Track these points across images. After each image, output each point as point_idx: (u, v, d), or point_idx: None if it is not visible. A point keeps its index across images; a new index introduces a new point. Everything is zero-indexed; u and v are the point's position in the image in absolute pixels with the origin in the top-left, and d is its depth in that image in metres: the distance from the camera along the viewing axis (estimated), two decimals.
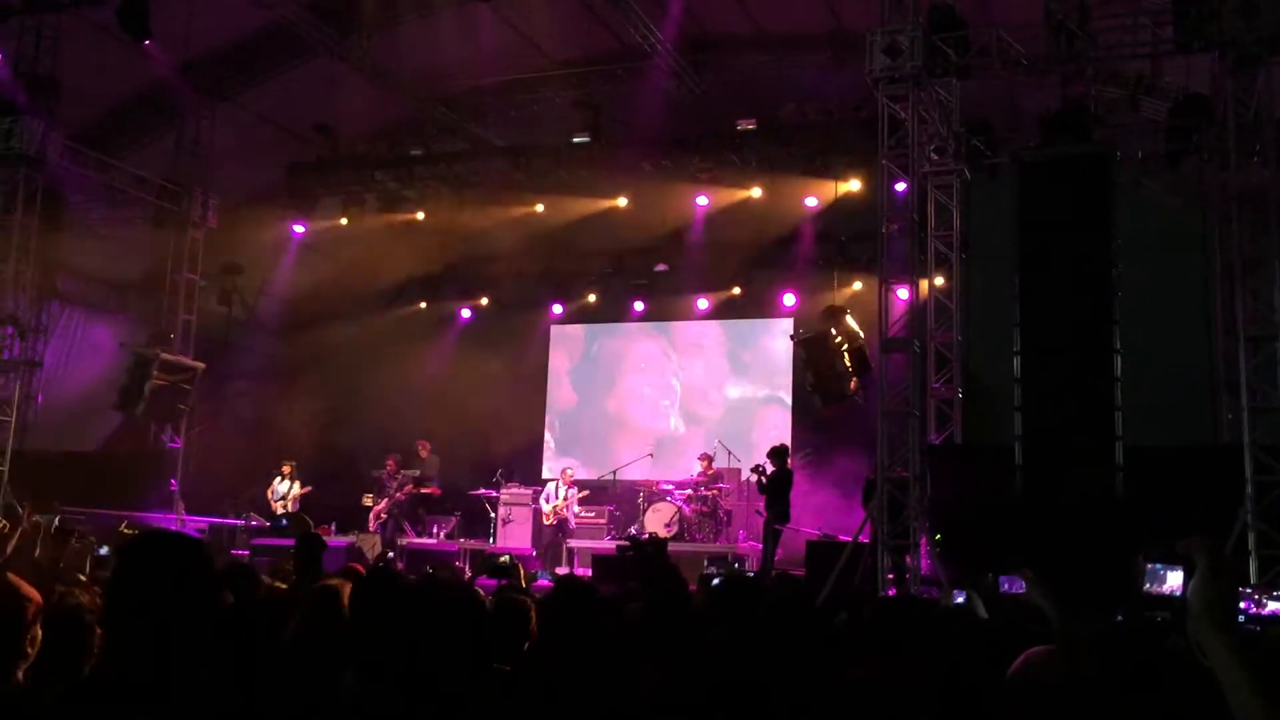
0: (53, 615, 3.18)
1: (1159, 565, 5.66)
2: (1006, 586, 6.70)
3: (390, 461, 16.69)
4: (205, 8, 13.37)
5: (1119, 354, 10.45)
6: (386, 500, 16.39)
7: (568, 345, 20.04)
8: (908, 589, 10.42)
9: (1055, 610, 3.29)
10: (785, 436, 16.99)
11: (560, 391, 19.85)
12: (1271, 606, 8.12)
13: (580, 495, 16.38)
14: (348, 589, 3.80)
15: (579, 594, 4.28)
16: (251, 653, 3.59)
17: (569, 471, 16.71)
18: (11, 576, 3.10)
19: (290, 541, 10.38)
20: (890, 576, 10.92)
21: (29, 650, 3.18)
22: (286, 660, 3.71)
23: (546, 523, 16.02)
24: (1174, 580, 5.85)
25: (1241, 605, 7.54)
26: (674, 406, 19.16)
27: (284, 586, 5.43)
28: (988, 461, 11.80)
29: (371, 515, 16.40)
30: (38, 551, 11.07)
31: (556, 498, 16.11)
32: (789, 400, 18.01)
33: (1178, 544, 1.85)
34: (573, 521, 16.14)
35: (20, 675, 3.05)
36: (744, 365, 18.90)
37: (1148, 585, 5.77)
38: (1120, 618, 4.22)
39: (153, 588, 2.36)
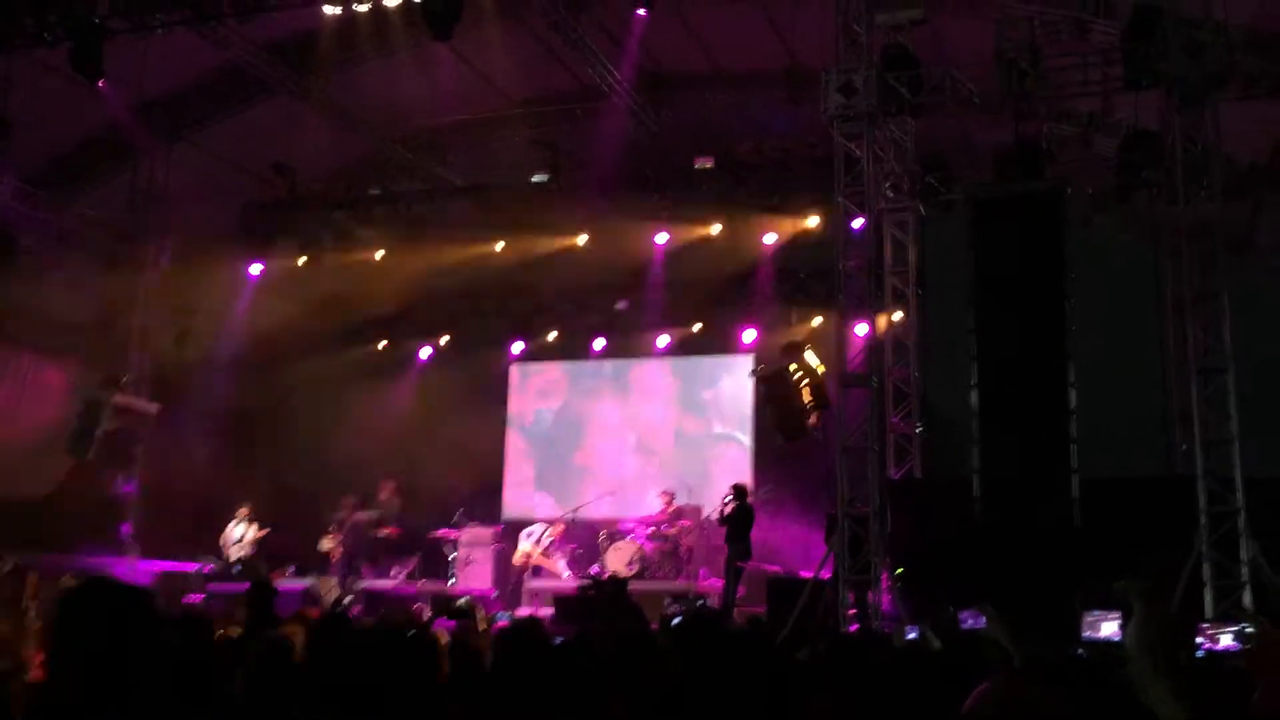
0: None
1: (1094, 611, 5.61)
2: (969, 622, 6.67)
3: (344, 503, 16.47)
4: (160, 49, 13.31)
5: (1074, 387, 10.57)
6: (338, 543, 16.19)
7: (528, 383, 19.96)
8: (869, 625, 10.41)
9: (1013, 644, 3.28)
10: (746, 473, 16.98)
11: (520, 430, 19.74)
12: (1225, 642, 8.14)
13: (562, 555, 16.29)
14: (299, 637, 3.73)
15: (530, 634, 4.23)
16: (202, 702, 3.51)
17: (564, 526, 16.59)
18: None
19: (246, 586, 10.19)
20: (852, 612, 10.91)
21: None
22: (235, 711, 3.63)
23: (517, 563, 15.89)
24: (1109, 628, 5.82)
25: (1198, 641, 7.54)
26: (634, 444, 19.11)
27: (236, 634, 5.34)
28: (947, 495, 11.87)
29: (331, 556, 16.21)
30: None
31: (540, 543, 15.96)
32: (749, 436, 18.01)
33: (1114, 586, 1.84)
34: (544, 572, 16.03)
35: None
36: (704, 402, 18.90)
37: (1085, 632, 5.72)
38: (1079, 650, 4.21)
39: (94, 637, 2.31)
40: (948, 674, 3.73)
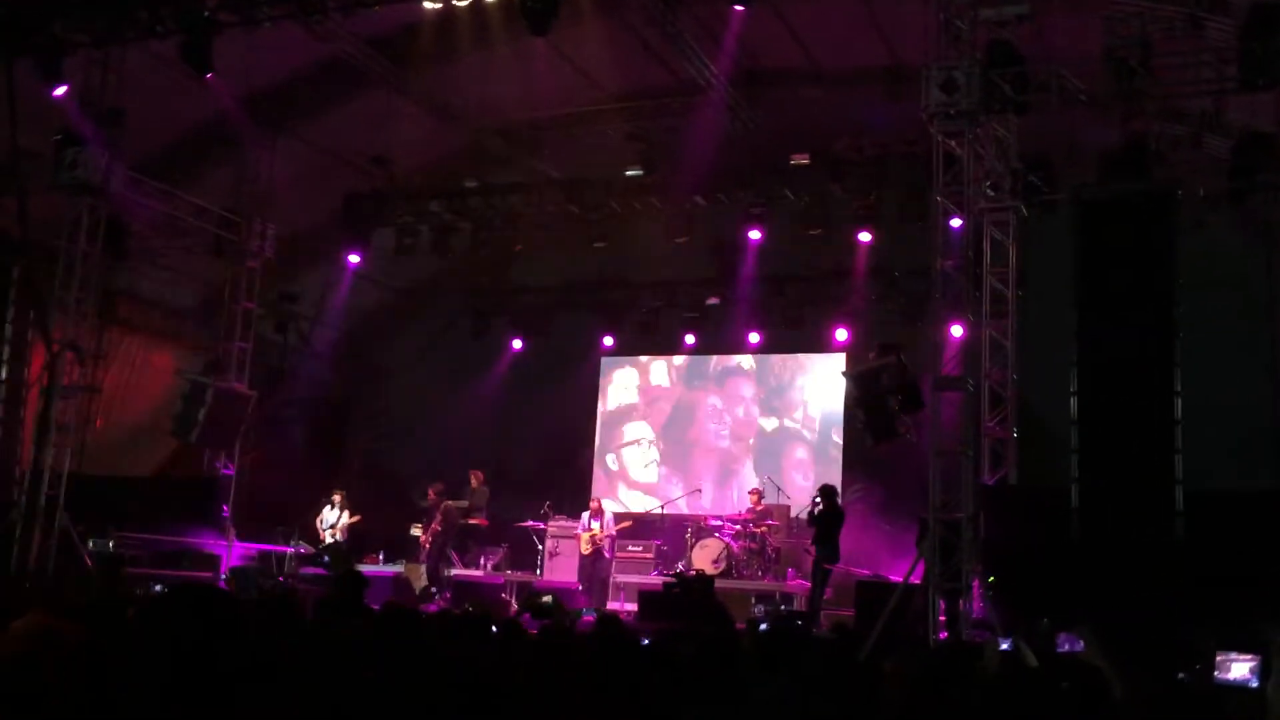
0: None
1: (1229, 653, 5.30)
2: (1066, 646, 6.47)
3: (431, 491, 16.68)
4: (267, 42, 13.58)
5: (1180, 396, 10.20)
6: (429, 531, 16.41)
7: (618, 376, 20.02)
8: (959, 633, 10.20)
9: (1115, 672, 3.16)
10: (835, 474, 16.84)
11: (610, 423, 19.80)
12: None
13: (622, 525, 16.34)
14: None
15: (619, 641, 4.21)
16: (281, 690, 3.55)
17: (597, 502, 16.71)
18: (46, 615, 3.09)
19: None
20: (943, 619, 10.70)
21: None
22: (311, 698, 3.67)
23: (584, 553, 15.94)
24: (1240, 670, 5.50)
25: None
26: (722, 440, 19.06)
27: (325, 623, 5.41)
28: (1043, 503, 11.55)
29: (421, 544, 16.45)
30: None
31: (589, 528, 16.06)
32: (839, 437, 17.84)
33: (1256, 630, 1.74)
34: (608, 551, 15.97)
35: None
36: (794, 400, 18.76)
37: (1216, 673, 5.44)
38: (1182, 676, 4.06)
39: (176, 642, 2.35)
40: (1044, 697, 3.61)
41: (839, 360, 17.46)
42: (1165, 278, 10.49)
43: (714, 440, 19.15)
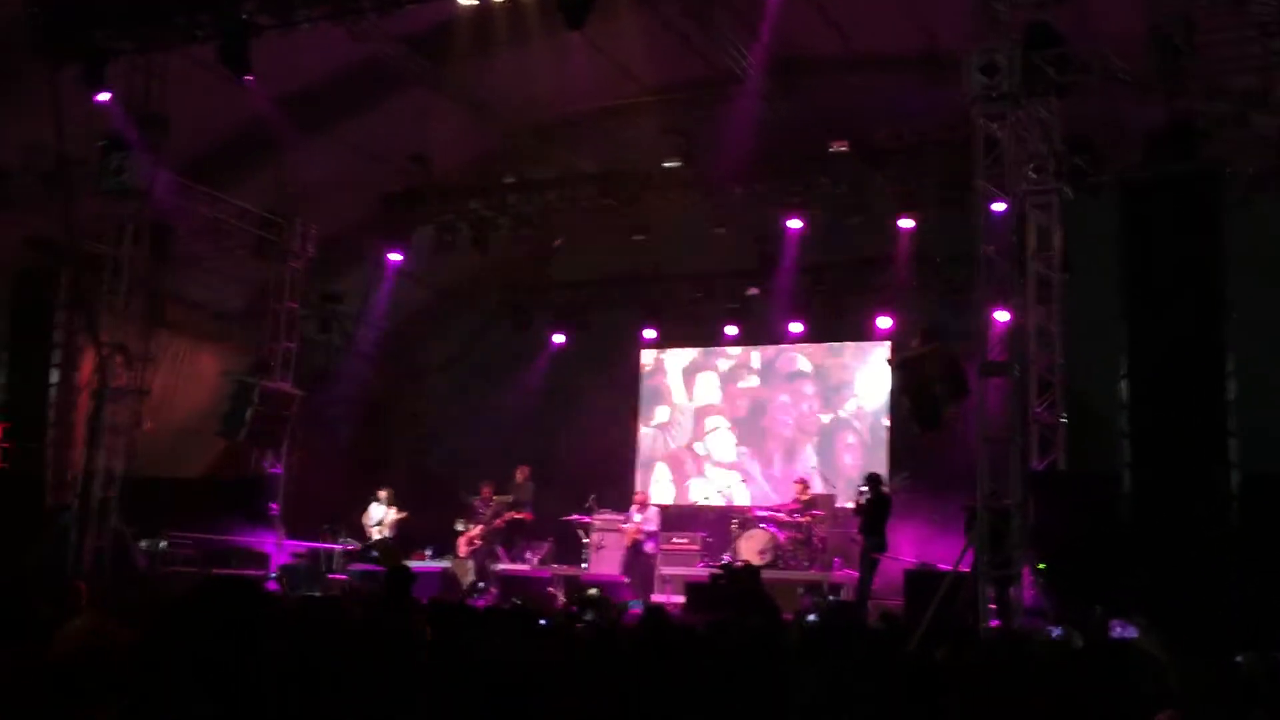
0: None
1: None
2: (1118, 631, 6.39)
3: (485, 489, 16.81)
4: (303, 44, 13.66)
5: (1232, 377, 10.02)
6: (482, 527, 16.49)
7: (660, 369, 20.01)
8: (1010, 622, 10.10)
9: (1170, 659, 3.10)
10: (881, 462, 16.74)
11: (652, 415, 19.79)
12: None
13: (655, 520, 16.31)
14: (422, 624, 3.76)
15: (668, 633, 4.21)
16: (328, 689, 3.58)
17: (642, 494, 16.76)
18: (99, 616, 3.13)
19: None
20: (993, 608, 10.60)
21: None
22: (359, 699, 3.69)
23: (625, 545, 16.01)
24: None
25: None
26: (768, 431, 19.00)
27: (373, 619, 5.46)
28: (1093, 489, 11.41)
29: (463, 541, 16.50)
30: None
31: (632, 520, 16.13)
32: (885, 425, 17.73)
33: None
34: (648, 544, 15.98)
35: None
36: (838, 389, 18.67)
37: None
38: (1240, 659, 3.97)
39: (202, 636, 2.36)
40: (1093, 680, 3.55)
41: (884, 348, 17.36)
42: (1213, 258, 10.31)
43: (781, 430, 19.08)
